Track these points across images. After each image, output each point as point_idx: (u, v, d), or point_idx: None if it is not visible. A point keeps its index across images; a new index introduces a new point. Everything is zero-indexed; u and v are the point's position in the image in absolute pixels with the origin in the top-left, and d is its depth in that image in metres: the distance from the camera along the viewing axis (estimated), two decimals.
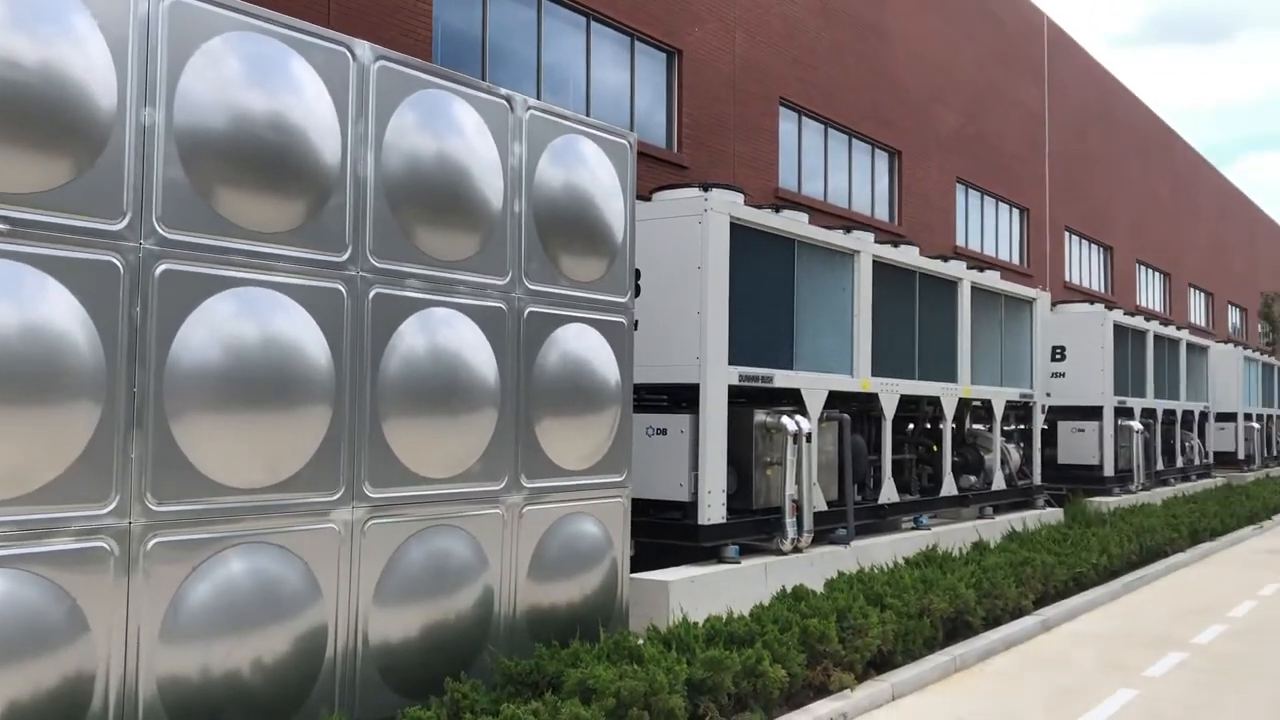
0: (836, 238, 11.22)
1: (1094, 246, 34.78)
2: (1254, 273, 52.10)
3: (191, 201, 4.78)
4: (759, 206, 10.36)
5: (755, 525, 9.87)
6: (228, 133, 4.89)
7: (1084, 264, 34.01)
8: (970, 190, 26.97)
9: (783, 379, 10.23)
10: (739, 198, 10.05)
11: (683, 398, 9.77)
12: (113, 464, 4.48)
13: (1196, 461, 23.43)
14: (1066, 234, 32.30)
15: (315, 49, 5.29)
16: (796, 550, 10.05)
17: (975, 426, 15.10)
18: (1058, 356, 18.37)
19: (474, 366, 5.94)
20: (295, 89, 5.15)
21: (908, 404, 12.57)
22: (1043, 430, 15.97)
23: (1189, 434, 23.26)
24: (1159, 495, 19.08)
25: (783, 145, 19.81)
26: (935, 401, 13.08)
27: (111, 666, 4.45)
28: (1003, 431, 14.80)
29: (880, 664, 7.70)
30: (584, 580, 6.63)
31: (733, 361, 9.60)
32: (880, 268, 11.89)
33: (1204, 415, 24.29)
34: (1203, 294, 45.68)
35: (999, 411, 14.42)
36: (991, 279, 14.60)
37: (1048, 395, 16.06)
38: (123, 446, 4.52)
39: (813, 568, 10.08)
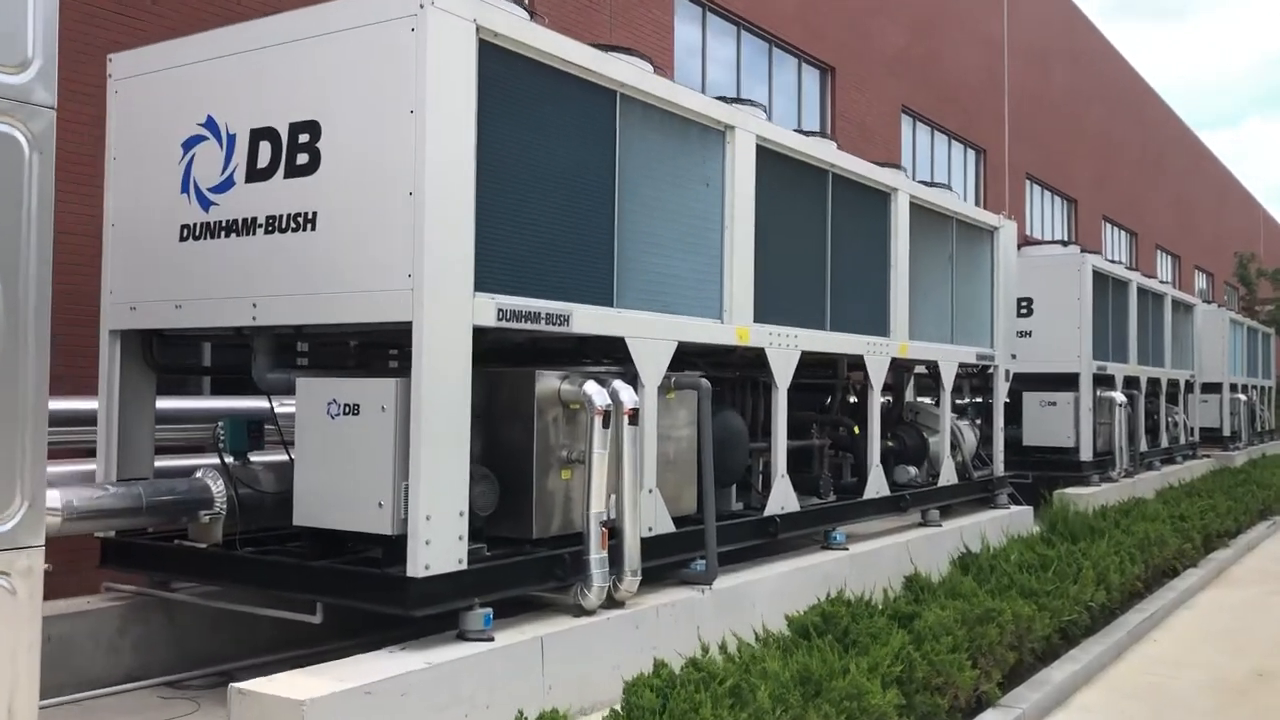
0: (692, 99, 7.10)
1: (1057, 198, 30.99)
2: (1222, 239, 48.72)
3: None
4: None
5: (538, 566, 5.82)
6: None
7: (1045, 217, 30.22)
8: (919, 123, 22.95)
9: (590, 319, 6.14)
10: (510, 6, 5.88)
11: (406, 349, 5.66)
12: None
13: (1182, 440, 19.72)
14: (1027, 182, 28.46)
15: None
16: (613, 604, 6.01)
17: (916, 399, 11.16)
18: (1023, 311, 14.53)
19: None
20: None
21: (814, 366, 8.54)
22: (1005, 404, 12.11)
23: (1173, 407, 19.53)
24: (1146, 484, 15.30)
25: (682, 47, 15.64)
26: (857, 362, 9.04)
27: None
28: (954, 405, 10.86)
29: None
30: None
31: (487, 285, 5.48)
32: (771, 158, 7.80)
33: (1189, 385, 20.58)
34: (1170, 257, 42.21)
35: (949, 379, 10.43)
36: (940, 195, 10.57)
37: (1013, 357, 12.12)
38: None
39: (638, 634, 6.04)
